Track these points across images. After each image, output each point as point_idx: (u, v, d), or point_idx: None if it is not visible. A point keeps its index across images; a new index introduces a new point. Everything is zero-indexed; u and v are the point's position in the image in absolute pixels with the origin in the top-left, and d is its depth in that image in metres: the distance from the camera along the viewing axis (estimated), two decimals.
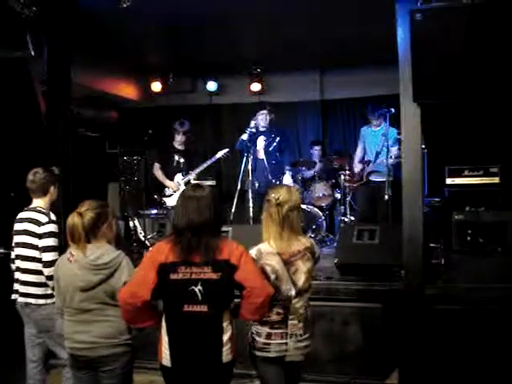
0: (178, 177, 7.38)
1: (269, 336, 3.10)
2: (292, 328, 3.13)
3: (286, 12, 6.20)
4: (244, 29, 6.94)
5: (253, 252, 3.13)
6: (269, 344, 3.10)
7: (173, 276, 2.83)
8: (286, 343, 3.12)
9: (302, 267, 3.18)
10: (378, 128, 7.25)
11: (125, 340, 3.18)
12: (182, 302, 2.84)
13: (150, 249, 3.12)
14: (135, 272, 3.03)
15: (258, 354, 3.13)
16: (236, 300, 2.98)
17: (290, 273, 3.13)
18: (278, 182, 7.22)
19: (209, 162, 7.42)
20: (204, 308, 2.83)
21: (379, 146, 7.13)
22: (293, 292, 3.13)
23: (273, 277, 3.08)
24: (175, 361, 2.88)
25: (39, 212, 3.95)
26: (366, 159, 7.40)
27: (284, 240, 3.16)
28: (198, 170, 7.38)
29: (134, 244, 7.14)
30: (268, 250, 3.14)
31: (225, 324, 2.89)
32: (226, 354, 2.88)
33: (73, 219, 3.17)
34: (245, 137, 7.27)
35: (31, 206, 4.03)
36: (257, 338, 3.13)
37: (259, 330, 3.13)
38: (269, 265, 3.09)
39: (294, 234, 3.21)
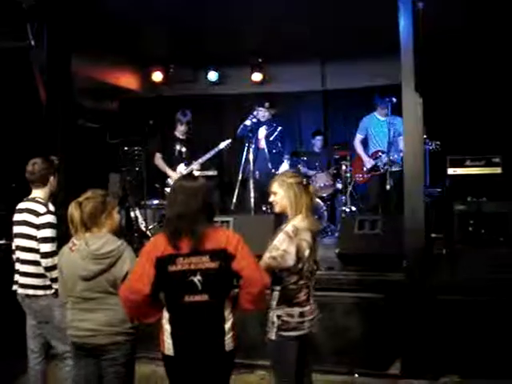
0: (181, 167, 7.34)
1: (302, 315, 3.27)
2: (313, 303, 3.36)
3: (287, 2, 6.16)
4: (245, 19, 6.89)
5: (289, 229, 3.26)
6: (303, 322, 3.28)
7: (171, 268, 2.83)
8: (313, 318, 3.35)
9: (317, 245, 3.46)
10: (385, 117, 7.04)
11: (127, 329, 3.19)
12: (182, 292, 2.84)
13: (147, 242, 3.11)
14: (133, 267, 3.02)
15: (292, 334, 3.25)
16: (236, 290, 2.98)
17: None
18: (276, 171, 7.13)
19: (212, 153, 7.36)
20: (204, 297, 2.84)
21: (390, 136, 6.93)
22: (314, 266, 3.36)
23: (307, 252, 3.26)
24: (178, 350, 2.88)
25: (38, 202, 3.94)
26: (374, 150, 7.24)
27: (311, 218, 3.37)
28: (200, 161, 7.34)
29: (135, 234, 7.13)
30: (302, 226, 3.28)
31: (226, 312, 2.90)
32: (229, 343, 2.90)
33: (71, 209, 3.22)
34: (248, 122, 7.24)
35: (30, 197, 4.02)
36: (289, 320, 3.25)
37: (290, 311, 3.25)
38: (305, 240, 3.26)
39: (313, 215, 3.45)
